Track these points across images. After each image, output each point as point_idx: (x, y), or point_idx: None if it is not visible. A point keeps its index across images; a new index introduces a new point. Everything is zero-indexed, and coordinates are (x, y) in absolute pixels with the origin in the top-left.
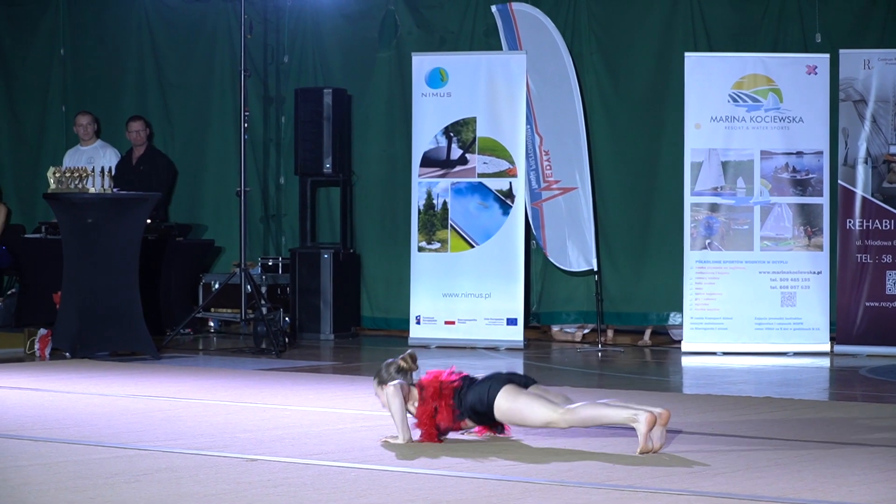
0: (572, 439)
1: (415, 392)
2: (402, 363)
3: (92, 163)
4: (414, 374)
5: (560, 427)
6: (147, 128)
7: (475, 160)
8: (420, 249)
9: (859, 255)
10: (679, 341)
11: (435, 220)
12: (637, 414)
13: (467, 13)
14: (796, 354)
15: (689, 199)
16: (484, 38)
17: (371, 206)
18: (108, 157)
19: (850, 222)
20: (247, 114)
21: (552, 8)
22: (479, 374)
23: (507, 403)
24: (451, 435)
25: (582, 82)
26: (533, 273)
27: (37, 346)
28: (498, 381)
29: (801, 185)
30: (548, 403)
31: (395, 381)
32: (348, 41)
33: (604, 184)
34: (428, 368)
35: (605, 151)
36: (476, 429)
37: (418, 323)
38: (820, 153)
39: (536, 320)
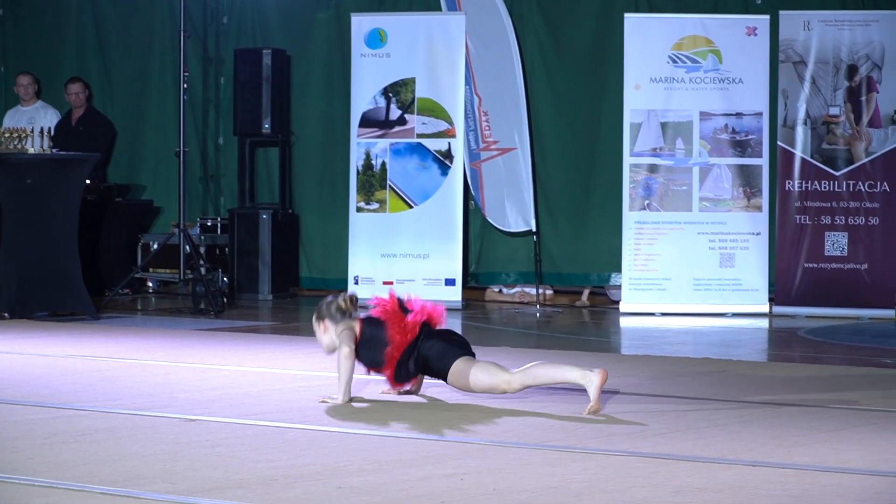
0: (510, 400)
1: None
2: (342, 303)
3: (32, 123)
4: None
5: (513, 390)
6: (86, 89)
7: (414, 121)
8: (359, 210)
9: (798, 217)
10: (617, 302)
11: (373, 181)
12: (588, 374)
13: None
14: (735, 315)
15: (627, 160)
16: None
17: (310, 166)
18: (48, 118)
19: (789, 183)
20: (186, 74)
21: None
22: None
23: (463, 366)
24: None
25: (522, 43)
26: (472, 234)
27: None
28: (456, 350)
29: (741, 147)
30: (500, 368)
31: (348, 343)
32: (287, 2)
33: (545, 144)
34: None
35: (547, 112)
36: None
37: (356, 283)
38: (759, 114)
39: (475, 281)
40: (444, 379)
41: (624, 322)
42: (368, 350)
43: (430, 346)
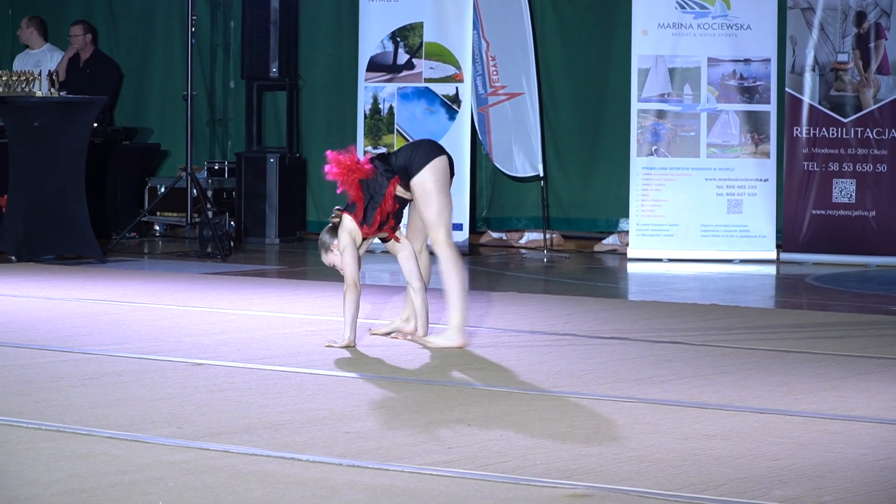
0: (517, 347)
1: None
2: (335, 219)
3: (39, 66)
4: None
5: (432, 243)
6: (89, 32)
7: (422, 65)
8: (366, 153)
9: (806, 163)
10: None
11: (381, 125)
12: (457, 334)
13: None
14: (742, 262)
15: (635, 106)
16: None
17: (317, 110)
18: (55, 61)
19: (797, 130)
20: (194, 18)
21: None
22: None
23: (430, 182)
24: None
25: None
26: (483, 179)
27: None
28: (428, 149)
29: (749, 93)
30: (448, 223)
31: (350, 248)
32: None
33: (553, 89)
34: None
35: (555, 57)
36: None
37: None
38: (767, 61)
39: (486, 226)
40: (408, 183)
41: (631, 268)
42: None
43: (399, 154)
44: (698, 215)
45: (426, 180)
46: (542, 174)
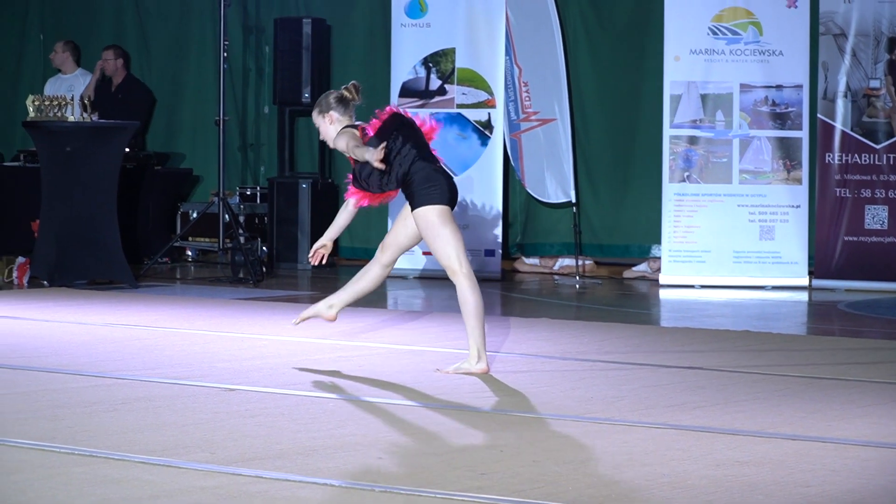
0: (549, 372)
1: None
2: (346, 92)
3: (72, 91)
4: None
5: (449, 274)
6: (120, 57)
7: (454, 91)
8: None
9: (838, 189)
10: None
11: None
12: (477, 361)
13: None
14: (774, 288)
15: (668, 132)
16: None
17: None
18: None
19: (829, 156)
20: (226, 43)
21: None
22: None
23: (435, 218)
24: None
25: (563, 13)
26: (516, 205)
27: (15, 274)
28: (444, 194)
29: (781, 119)
30: (461, 250)
31: (344, 128)
32: None
33: (586, 115)
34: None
35: (588, 83)
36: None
37: None
38: (800, 87)
39: (520, 252)
40: (412, 208)
41: (663, 294)
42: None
43: (420, 167)
44: (730, 241)
45: (429, 213)
46: (574, 200)
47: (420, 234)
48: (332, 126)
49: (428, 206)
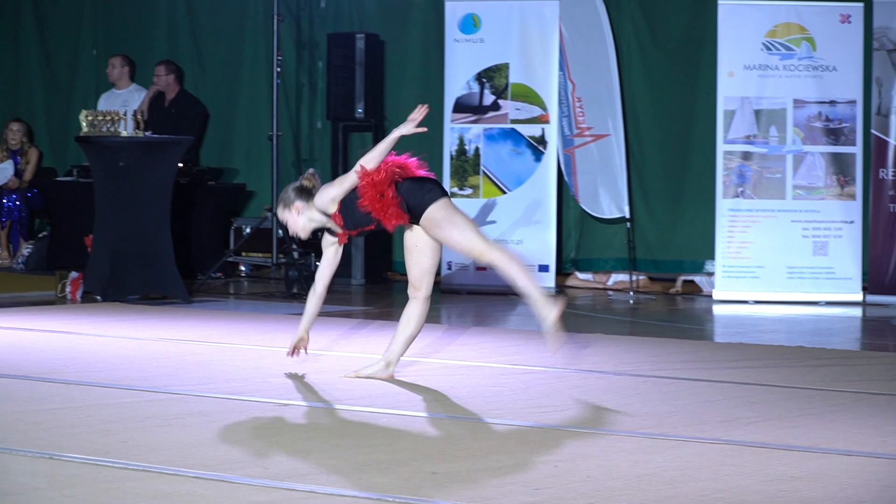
0: (603, 388)
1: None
2: (306, 182)
3: (126, 106)
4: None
5: (479, 258)
6: (172, 72)
7: (508, 106)
8: (452, 195)
9: (892, 205)
10: (708, 294)
11: (467, 166)
12: (550, 308)
13: None
14: (828, 304)
15: (721, 148)
16: None
17: (403, 151)
18: (142, 101)
19: (882, 172)
20: (280, 58)
21: None
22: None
23: (441, 213)
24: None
25: (618, 29)
26: (570, 220)
27: (68, 288)
28: (438, 190)
29: (834, 134)
30: (477, 233)
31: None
32: None
33: (640, 131)
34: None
35: (642, 99)
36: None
37: (450, 269)
38: (853, 102)
39: (574, 267)
40: (418, 220)
41: (717, 310)
42: (348, 212)
43: (404, 187)
44: (784, 257)
45: (434, 212)
46: (628, 216)
47: (436, 239)
48: (300, 216)
49: (431, 206)
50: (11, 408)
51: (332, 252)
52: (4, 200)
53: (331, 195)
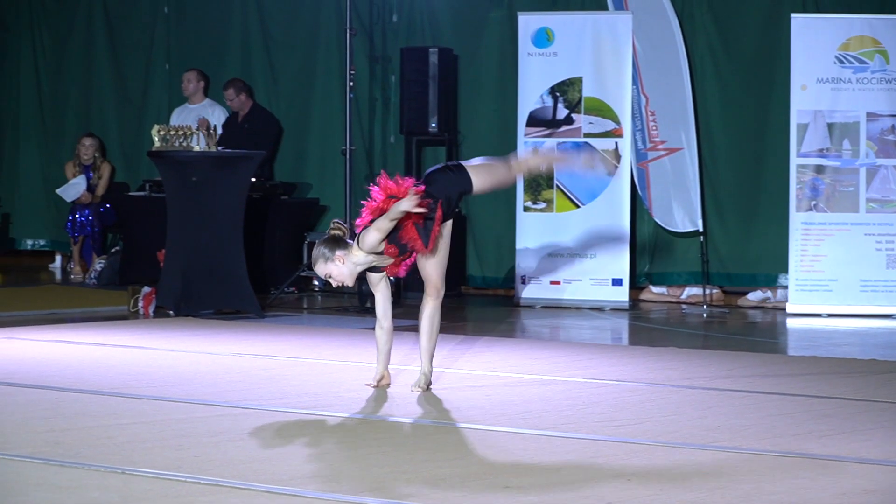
0: (676, 402)
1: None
2: (336, 231)
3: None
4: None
5: (517, 175)
6: (241, 92)
7: (581, 120)
8: (525, 209)
9: None
10: (778, 308)
11: (541, 180)
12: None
13: None
14: None
15: (794, 161)
16: None
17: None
18: (216, 116)
19: None
20: (352, 72)
21: None
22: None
23: (479, 178)
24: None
25: (691, 43)
26: (644, 234)
27: (140, 303)
28: (459, 169)
29: None
30: (493, 166)
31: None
32: (459, 0)
33: (713, 144)
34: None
35: (715, 112)
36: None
37: (524, 283)
38: None
39: (649, 281)
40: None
41: (790, 323)
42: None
43: (434, 187)
44: (857, 270)
45: (476, 182)
46: (701, 229)
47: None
48: (345, 265)
49: (472, 182)
50: (84, 423)
51: (383, 286)
52: (77, 216)
53: (377, 236)
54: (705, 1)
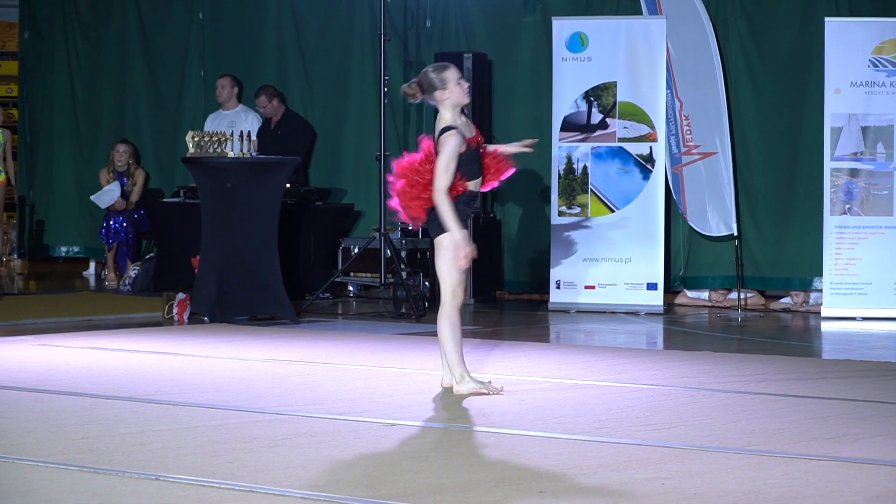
0: (711, 408)
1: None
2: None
3: (233, 127)
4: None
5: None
6: (273, 97)
7: (615, 125)
8: (560, 214)
9: None
10: (812, 312)
11: (575, 185)
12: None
13: None
14: None
15: (828, 165)
16: (630, 2)
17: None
18: (249, 122)
19: None
20: (387, 78)
21: None
22: None
23: None
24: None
25: (725, 47)
26: (679, 238)
27: (175, 310)
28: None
29: None
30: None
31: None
32: (492, 6)
33: (748, 148)
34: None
35: (749, 116)
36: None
37: (558, 288)
38: None
39: (683, 285)
40: None
41: (825, 326)
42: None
43: None
44: (892, 274)
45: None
46: (736, 233)
47: None
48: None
49: None
50: (118, 429)
51: None
52: (111, 222)
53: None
54: (739, 5)
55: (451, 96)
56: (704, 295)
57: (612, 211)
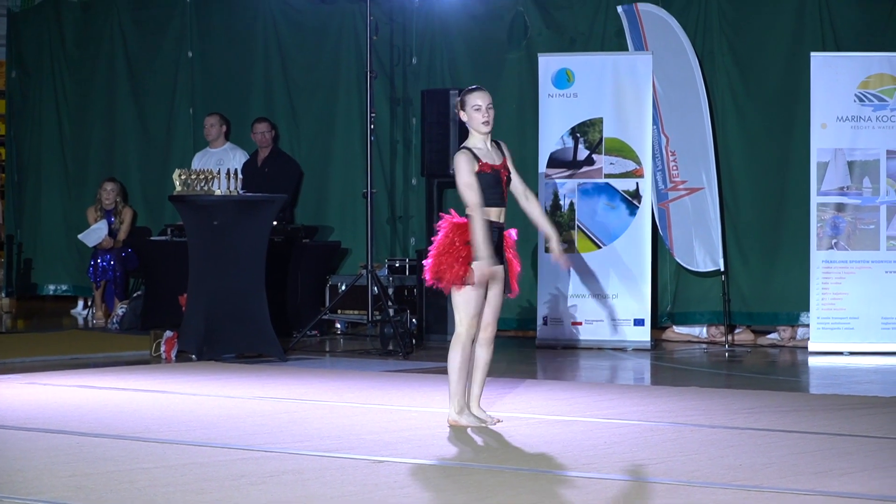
0: (698, 443)
1: None
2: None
3: (220, 165)
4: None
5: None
6: (272, 129)
7: (602, 161)
8: (547, 249)
9: None
10: (799, 346)
11: (562, 221)
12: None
13: (598, 14)
14: None
15: (815, 199)
16: (615, 38)
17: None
18: (237, 160)
19: None
20: (373, 115)
21: (683, 9)
22: None
23: None
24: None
25: (711, 83)
26: (666, 274)
27: (163, 348)
28: None
29: None
30: None
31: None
32: (477, 43)
33: (735, 183)
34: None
35: (736, 151)
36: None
37: (545, 324)
38: None
39: (671, 321)
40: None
41: (812, 361)
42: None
43: None
44: (879, 308)
45: None
46: (722, 268)
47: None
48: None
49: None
50: (106, 467)
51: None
52: (99, 260)
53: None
54: (725, 40)
55: (468, 120)
56: (696, 331)
57: (599, 247)
